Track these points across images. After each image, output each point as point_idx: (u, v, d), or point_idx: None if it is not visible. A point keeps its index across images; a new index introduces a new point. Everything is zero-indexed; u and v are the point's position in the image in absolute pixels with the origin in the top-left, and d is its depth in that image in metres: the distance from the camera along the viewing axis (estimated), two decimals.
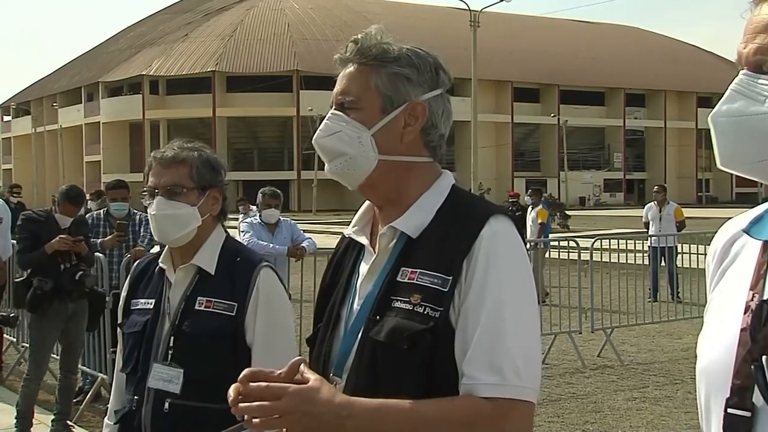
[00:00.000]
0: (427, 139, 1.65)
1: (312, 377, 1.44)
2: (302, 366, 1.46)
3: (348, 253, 1.74)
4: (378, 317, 1.55)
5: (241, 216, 13.59)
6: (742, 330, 1.12)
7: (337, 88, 1.65)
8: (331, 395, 1.42)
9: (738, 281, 1.19)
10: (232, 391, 1.43)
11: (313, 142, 1.68)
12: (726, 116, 1.16)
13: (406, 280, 1.55)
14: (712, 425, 1.13)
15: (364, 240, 1.69)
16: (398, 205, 1.63)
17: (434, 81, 1.65)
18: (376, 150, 1.61)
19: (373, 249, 1.66)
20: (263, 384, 1.41)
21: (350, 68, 1.64)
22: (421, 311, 1.51)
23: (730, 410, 1.08)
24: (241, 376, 1.44)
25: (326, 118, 1.65)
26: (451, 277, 1.51)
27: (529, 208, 14.39)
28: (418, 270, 1.54)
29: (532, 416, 1.51)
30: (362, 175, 1.63)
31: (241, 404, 1.41)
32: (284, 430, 1.42)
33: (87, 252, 6.28)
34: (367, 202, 1.73)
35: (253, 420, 1.40)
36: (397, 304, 1.54)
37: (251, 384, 1.42)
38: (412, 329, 1.50)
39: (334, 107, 1.65)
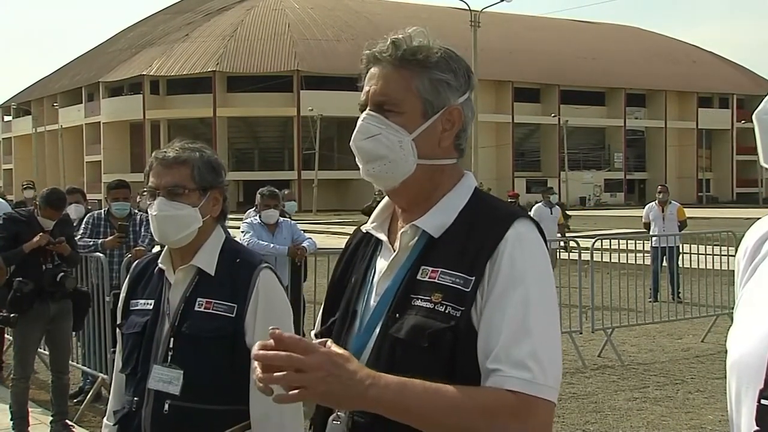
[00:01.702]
0: (457, 142, 1.66)
1: (341, 350, 1.43)
2: (329, 342, 1.45)
3: (361, 248, 1.74)
4: (398, 315, 1.55)
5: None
6: None
7: (373, 87, 1.63)
8: (358, 367, 1.41)
9: None
10: (258, 345, 1.40)
11: (351, 144, 1.65)
12: None
13: (427, 279, 1.55)
14: (743, 418, 1.13)
15: (382, 236, 1.69)
16: (423, 205, 1.63)
17: (467, 84, 1.66)
18: (416, 154, 1.61)
19: (392, 246, 1.65)
20: (296, 337, 1.38)
21: (387, 69, 1.62)
22: (443, 310, 1.51)
23: (763, 401, 1.08)
24: (270, 331, 1.41)
25: (362, 118, 1.63)
26: (473, 278, 1.51)
27: (536, 207, 14.17)
28: (440, 269, 1.54)
29: (552, 416, 1.52)
30: (399, 179, 1.62)
31: (266, 351, 1.37)
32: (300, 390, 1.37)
33: (70, 252, 6.25)
34: (386, 198, 1.73)
35: (275, 374, 1.35)
36: (418, 303, 1.54)
37: (284, 334, 1.38)
38: (434, 327, 1.50)
39: (369, 107, 1.64)
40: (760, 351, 1.10)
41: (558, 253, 12.55)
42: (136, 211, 7.71)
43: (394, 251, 1.64)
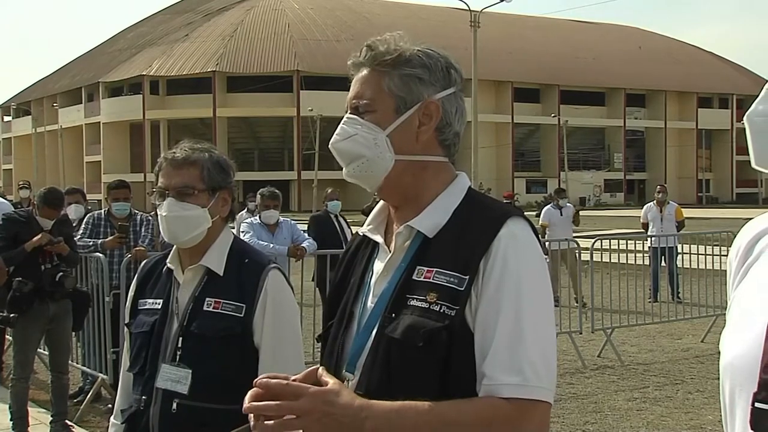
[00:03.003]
0: (441, 137, 1.66)
1: (331, 381, 1.44)
2: (320, 370, 1.47)
3: (360, 250, 1.75)
4: (393, 315, 1.56)
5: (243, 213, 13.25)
6: None
7: (351, 92, 1.68)
8: (351, 398, 1.42)
9: (763, 278, 1.18)
10: (248, 396, 1.42)
11: (330, 146, 1.69)
12: (763, 116, 1.16)
13: (422, 279, 1.56)
14: (737, 420, 1.12)
15: (378, 238, 1.70)
16: (415, 205, 1.64)
17: (446, 80, 1.66)
18: (392, 150, 1.63)
19: (388, 247, 1.67)
20: (284, 382, 1.40)
21: (363, 72, 1.67)
22: (437, 309, 1.52)
23: (757, 404, 1.07)
24: (256, 380, 1.43)
25: (341, 122, 1.67)
26: (467, 277, 1.52)
27: (545, 210, 13.85)
28: (435, 269, 1.55)
29: (549, 417, 1.52)
30: (380, 176, 1.64)
31: (258, 402, 1.39)
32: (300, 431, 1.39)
33: (69, 252, 6.24)
34: (382, 201, 1.74)
35: (268, 423, 1.37)
36: (413, 302, 1.55)
37: (271, 381, 1.41)
38: (428, 327, 1.51)
39: (348, 111, 1.67)
40: (753, 353, 1.10)
41: (568, 254, 12.23)
42: (137, 211, 7.69)
43: (390, 252, 1.65)
